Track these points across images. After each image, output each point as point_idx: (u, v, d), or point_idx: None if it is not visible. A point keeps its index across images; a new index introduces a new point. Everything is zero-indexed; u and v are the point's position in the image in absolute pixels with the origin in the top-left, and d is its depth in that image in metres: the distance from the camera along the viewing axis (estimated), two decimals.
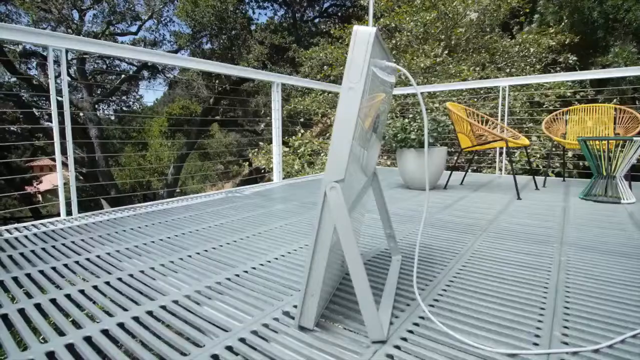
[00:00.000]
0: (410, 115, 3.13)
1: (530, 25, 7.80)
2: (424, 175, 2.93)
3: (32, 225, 1.89)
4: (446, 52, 6.09)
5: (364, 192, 1.23)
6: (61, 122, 2.13)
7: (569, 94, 5.43)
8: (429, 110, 5.71)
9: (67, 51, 1.92)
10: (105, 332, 0.88)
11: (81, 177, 10.09)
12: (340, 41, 7.92)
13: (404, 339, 0.84)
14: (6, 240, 1.62)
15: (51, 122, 2.06)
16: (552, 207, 2.25)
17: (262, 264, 1.32)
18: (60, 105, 2.09)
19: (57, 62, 1.97)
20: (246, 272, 1.25)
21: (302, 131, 7.02)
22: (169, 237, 1.67)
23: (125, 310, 0.98)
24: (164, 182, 13.07)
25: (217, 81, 11.22)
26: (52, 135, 2.04)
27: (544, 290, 1.09)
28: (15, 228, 1.82)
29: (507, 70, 6.61)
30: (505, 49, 6.86)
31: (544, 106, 5.51)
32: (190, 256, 1.42)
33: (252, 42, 9.55)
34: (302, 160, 6.61)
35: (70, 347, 0.82)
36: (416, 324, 0.90)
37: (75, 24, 8.68)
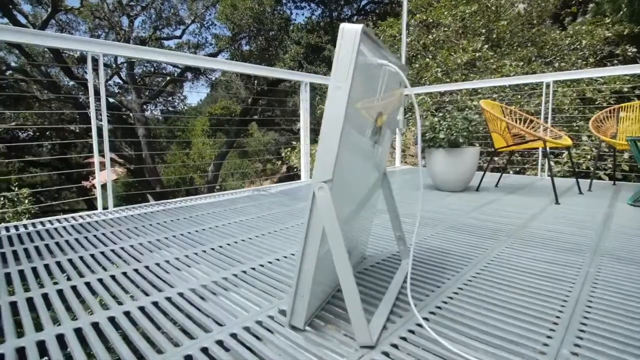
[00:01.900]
0: (440, 114, 3.01)
1: (584, 15, 7.21)
2: (455, 176, 2.82)
3: (72, 217, 2.06)
4: (487, 46, 5.79)
5: (372, 191, 1.20)
6: (110, 121, 2.29)
7: (625, 90, 4.96)
8: (466, 108, 5.47)
9: (103, 55, 2.06)
10: (112, 320, 0.93)
11: (129, 173, 10.80)
12: None
13: (394, 346, 0.81)
14: (47, 231, 1.78)
15: (102, 122, 2.22)
16: (593, 213, 2.07)
17: (270, 262, 1.34)
18: (111, 106, 2.25)
19: (108, 65, 2.11)
20: (253, 269, 1.28)
21: None
22: (189, 232, 1.74)
23: (134, 300, 1.04)
24: (205, 179, 13.65)
25: (255, 81, 11.50)
26: (100, 134, 2.20)
27: (561, 303, 1.00)
28: (57, 219, 1.99)
29: (556, 64, 6.16)
30: (554, 42, 6.40)
31: (597, 103, 5.07)
32: (204, 251, 1.47)
33: (288, 42, 9.68)
34: None
35: (77, 331, 0.88)
36: (411, 331, 0.87)
37: (123, 30, 9.30)
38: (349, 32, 0.70)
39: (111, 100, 9.97)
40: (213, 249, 1.50)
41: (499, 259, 1.35)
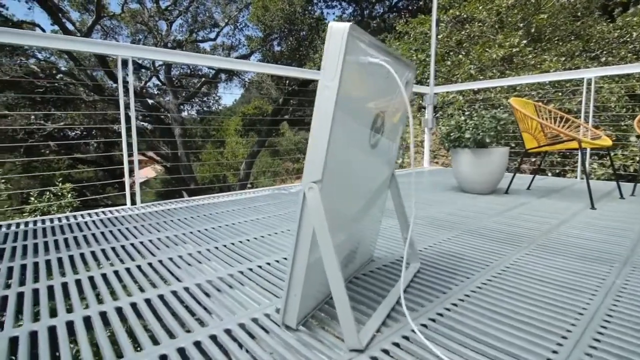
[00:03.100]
0: (467, 112, 2.90)
1: (636, 5, 6.65)
2: (481, 177, 2.71)
3: (102, 212, 2.19)
4: (524, 41, 5.50)
5: (379, 192, 1.18)
6: (149, 122, 2.41)
7: None
8: (500, 106, 5.22)
9: (132, 59, 2.17)
10: (119, 310, 0.98)
11: (166, 171, 11.31)
12: (406, 36, 7.65)
13: (385, 351, 0.79)
14: (77, 224, 1.90)
15: (144, 123, 2.34)
16: (632, 220, 1.91)
17: (277, 260, 1.35)
18: (150, 107, 2.36)
19: (146, 67, 2.23)
20: (260, 267, 1.29)
21: None
22: (206, 229, 1.80)
23: (142, 291, 1.09)
24: (238, 177, 14.03)
25: (286, 82, 11.65)
26: (144, 134, 2.32)
27: (576, 316, 0.93)
28: (88, 214, 2.12)
29: (603, 59, 5.74)
30: (601, 35, 5.96)
31: None
32: (217, 248, 1.51)
33: (318, 42, 9.71)
34: None
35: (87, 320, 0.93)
36: (406, 337, 0.84)
37: (159, 34, 9.74)
38: (337, 31, 0.70)
39: (150, 101, 10.49)
40: (225, 245, 1.54)
41: (515, 266, 1.28)
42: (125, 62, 2.17)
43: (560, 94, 5.23)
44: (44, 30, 9.02)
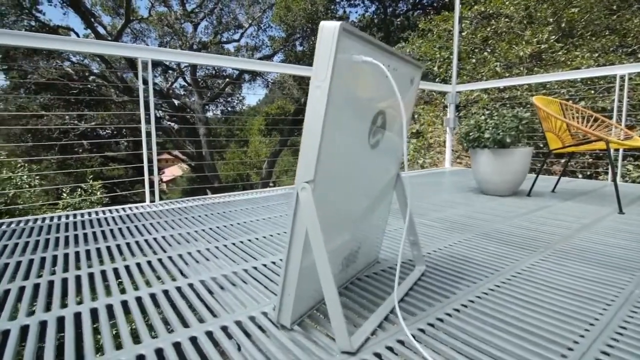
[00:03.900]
0: (487, 111, 2.80)
1: None
2: (502, 178, 2.61)
3: (122, 208, 2.27)
4: (554, 37, 5.26)
5: (384, 193, 1.16)
6: (176, 122, 2.49)
7: None
8: (527, 105, 5.02)
9: (152, 61, 2.24)
10: (124, 303, 1.02)
11: (190, 169, 11.61)
12: (430, 34, 7.49)
13: (377, 355, 0.78)
14: (97, 220, 1.99)
15: (171, 122, 2.42)
16: None
17: (281, 259, 1.36)
18: (177, 107, 2.44)
19: (172, 69, 2.31)
20: (265, 265, 1.31)
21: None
22: (217, 227, 1.83)
23: (149, 286, 1.12)
24: (260, 176, 14.23)
25: (308, 81, 11.68)
26: (170, 134, 2.41)
27: (586, 326, 0.89)
28: (109, 210, 2.21)
29: None
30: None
31: None
32: (225, 245, 1.54)
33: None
34: None
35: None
36: (400, 342, 0.83)
37: (185, 36, 10.02)
38: (328, 30, 0.69)
39: (176, 101, 10.81)
40: (234, 243, 1.56)
41: (527, 272, 1.23)
42: (145, 64, 2.24)
43: (592, 91, 4.97)
44: (77, 35, 9.50)
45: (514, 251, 1.44)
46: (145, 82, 2.33)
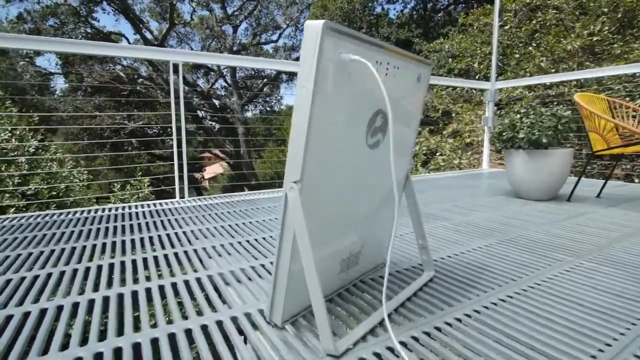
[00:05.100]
0: (523, 110, 2.63)
1: None
2: (538, 182, 2.45)
3: (154, 204, 2.41)
4: (607, 28, 4.82)
5: (388, 194, 1.13)
6: (216, 121, 2.61)
7: None
8: (567, 102, 4.65)
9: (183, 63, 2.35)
10: (134, 293, 1.08)
11: (230, 168, 12.01)
12: (471, 29, 7.17)
13: None
14: (129, 214, 2.12)
15: (212, 123, 2.55)
16: None
17: None
18: (218, 108, 2.56)
19: (211, 71, 2.42)
20: (272, 263, 1.32)
21: (419, 129, 6.67)
22: (236, 224, 1.88)
23: (160, 278, 1.18)
24: None
25: None
26: (211, 133, 2.53)
27: (600, 346, 0.81)
28: (141, 205, 2.35)
29: None
30: None
31: None
32: (240, 242, 1.57)
33: (378, 39, 9.55)
34: (417, 159, 6.30)
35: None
36: (390, 349, 0.80)
37: (224, 38, 10.37)
38: (311, 29, 0.68)
39: (217, 102, 11.23)
40: (248, 241, 1.60)
41: (547, 283, 1.14)
42: (176, 67, 2.35)
43: None
44: (128, 40, 10.21)
45: (537, 260, 1.34)
46: (176, 83, 2.44)
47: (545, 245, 1.51)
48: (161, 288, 1.11)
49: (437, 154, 6.20)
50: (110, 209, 2.24)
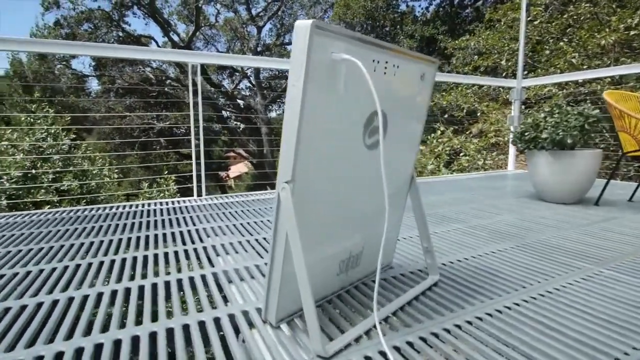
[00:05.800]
0: (547, 109, 2.50)
1: None
2: (563, 184, 2.33)
3: (171, 201, 2.48)
4: None
5: (394, 196, 1.12)
6: (240, 121, 2.66)
7: None
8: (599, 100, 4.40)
9: (201, 65, 2.41)
10: (141, 288, 1.11)
11: (253, 167, 12.21)
12: (498, 25, 6.92)
13: None
14: (148, 211, 2.19)
15: (237, 123, 2.62)
16: None
17: None
18: (242, 108, 2.62)
19: (236, 72, 2.49)
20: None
21: (443, 128, 6.52)
22: (248, 223, 1.91)
23: (167, 274, 1.21)
24: None
25: None
26: (235, 133, 2.60)
27: None
28: (160, 202, 2.43)
29: None
30: None
31: None
32: (248, 241, 1.60)
33: (402, 36, 9.41)
34: (439, 160, 6.16)
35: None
36: (382, 353, 0.79)
37: (246, 39, 10.53)
38: (300, 29, 0.68)
39: (241, 103, 11.43)
40: (257, 240, 1.62)
41: (560, 291, 1.09)
42: (195, 68, 2.42)
43: None
44: (157, 42, 10.59)
45: (552, 267, 1.28)
46: (195, 84, 2.50)
47: (564, 251, 1.44)
48: (167, 284, 1.15)
49: (461, 154, 6.04)
50: (131, 206, 2.33)
